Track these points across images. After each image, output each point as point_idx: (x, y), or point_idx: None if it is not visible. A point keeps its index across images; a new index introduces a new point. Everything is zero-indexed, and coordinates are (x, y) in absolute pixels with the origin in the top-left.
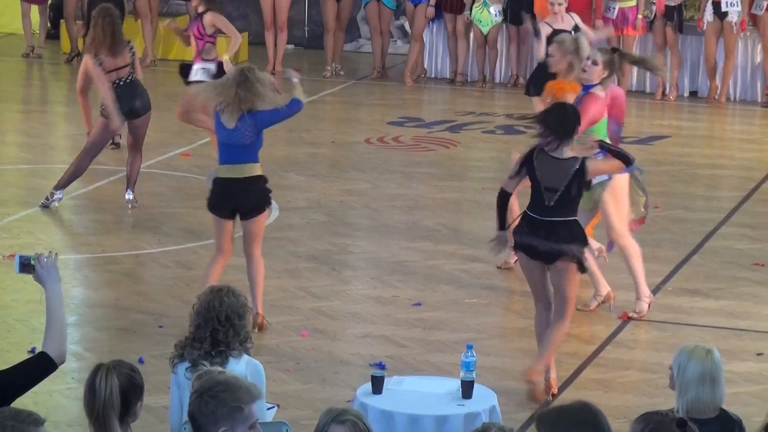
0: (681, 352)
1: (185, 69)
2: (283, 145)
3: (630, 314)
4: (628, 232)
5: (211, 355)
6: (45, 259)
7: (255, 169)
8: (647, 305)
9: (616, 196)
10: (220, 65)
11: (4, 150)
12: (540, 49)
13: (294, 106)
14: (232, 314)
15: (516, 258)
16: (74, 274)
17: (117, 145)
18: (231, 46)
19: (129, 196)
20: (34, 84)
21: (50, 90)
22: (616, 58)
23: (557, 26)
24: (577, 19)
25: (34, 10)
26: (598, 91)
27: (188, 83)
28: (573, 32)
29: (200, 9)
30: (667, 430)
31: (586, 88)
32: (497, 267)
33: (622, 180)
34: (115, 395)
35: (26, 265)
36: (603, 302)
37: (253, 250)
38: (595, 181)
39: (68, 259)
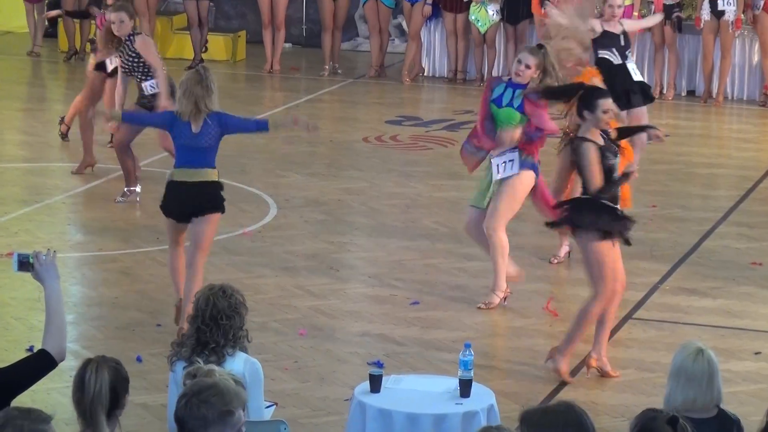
0: (677, 350)
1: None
2: (281, 143)
3: (480, 305)
4: (503, 229)
5: (205, 353)
6: (44, 257)
7: (212, 175)
8: (498, 300)
9: (515, 192)
10: None
11: (2, 148)
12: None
13: (263, 125)
14: (219, 314)
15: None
16: (72, 272)
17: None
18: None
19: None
20: (32, 82)
21: (48, 88)
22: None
23: (608, 28)
24: (626, 25)
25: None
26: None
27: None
28: (622, 37)
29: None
30: (659, 427)
31: (522, 87)
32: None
33: (527, 179)
34: (104, 390)
35: (24, 263)
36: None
37: (195, 260)
38: (502, 175)
39: (66, 258)
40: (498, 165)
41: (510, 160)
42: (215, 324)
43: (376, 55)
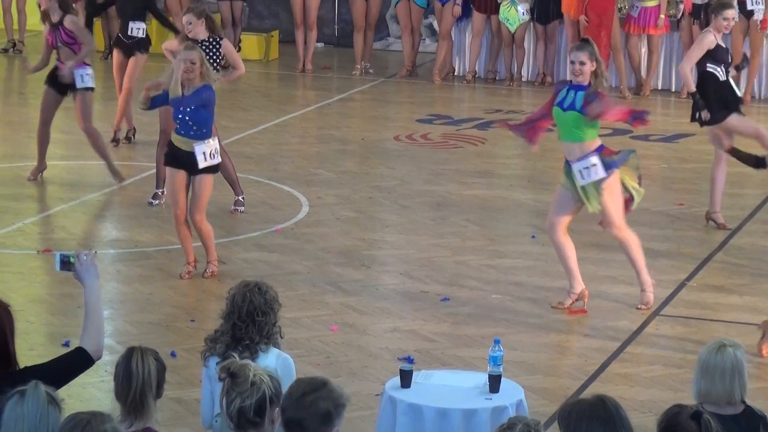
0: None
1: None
2: (314, 141)
3: (638, 306)
4: (626, 225)
5: (238, 349)
6: (85, 257)
7: None
8: (652, 295)
9: (612, 192)
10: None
11: None
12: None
13: None
14: (255, 311)
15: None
16: (107, 268)
17: (117, 142)
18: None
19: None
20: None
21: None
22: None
23: (721, 42)
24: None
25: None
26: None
27: (76, 90)
28: (729, 49)
29: (55, 18)
30: (683, 422)
31: (583, 88)
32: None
33: (615, 181)
34: (152, 375)
35: (66, 263)
36: (577, 300)
37: (195, 216)
38: (586, 181)
39: (102, 254)
40: (580, 171)
41: (593, 165)
42: (251, 320)
43: (407, 55)
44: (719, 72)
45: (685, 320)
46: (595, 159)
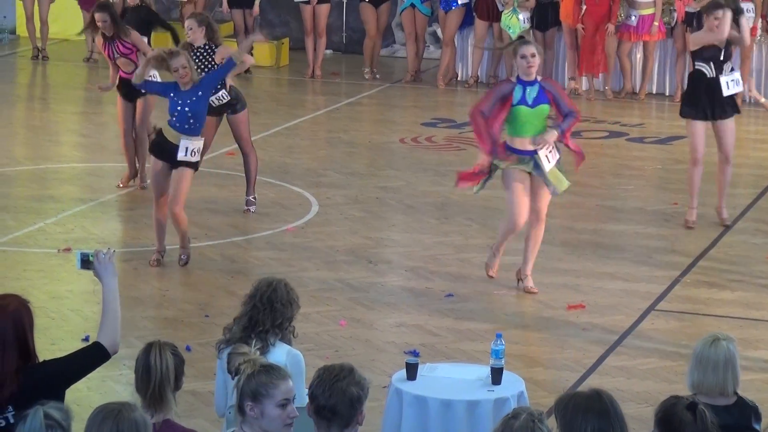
0: (699, 339)
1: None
2: (323, 144)
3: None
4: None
5: (251, 337)
6: (103, 256)
7: None
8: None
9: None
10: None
11: (59, 150)
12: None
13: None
14: (276, 299)
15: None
16: (125, 266)
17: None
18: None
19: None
20: (87, 87)
21: (104, 92)
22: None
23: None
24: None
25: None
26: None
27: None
28: (723, 51)
29: (109, 33)
30: (679, 412)
31: (533, 83)
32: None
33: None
34: (171, 369)
35: (86, 261)
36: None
37: (173, 208)
38: (552, 164)
39: (119, 252)
40: (546, 156)
41: (551, 150)
42: (270, 306)
43: (412, 61)
44: (707, 69)
45: (679, 315)
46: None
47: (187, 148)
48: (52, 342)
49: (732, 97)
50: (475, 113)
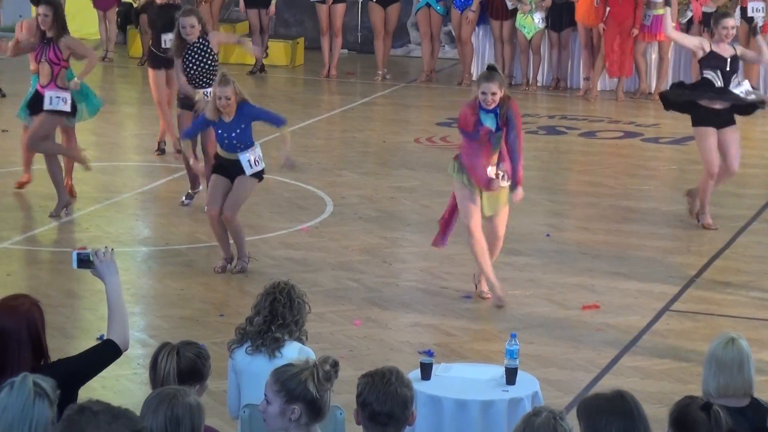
0: (713, 339)
1: (37, 98)
2: (338, 144)
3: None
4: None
5: (271, 330)
6: (103, 254)
7: None
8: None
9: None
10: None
11: None
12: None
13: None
14: (295, 295)
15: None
16: (140, 265)
17: (162, 152)
18: (87, 67)
19: None
20: (103, 87)
21: (118, 92)
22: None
23: (717, 50)
24: (739, 50)
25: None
26: None
27: (41, 112)
28: (729, 61)
29: (50, 34)
30: (693, 413)
31: (495, 111)
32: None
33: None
34: (172, 376)
35: (84, 261)
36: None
37: (227, 212)
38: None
39: (134, 252)
40: (503, 174)
41: (503, 171)
42: (289, 300)
43: (427, 61)
44: (714, 77)
45: (693, 315)
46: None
47: (249, 161)
48: (66, 341)
49: (739, 107)
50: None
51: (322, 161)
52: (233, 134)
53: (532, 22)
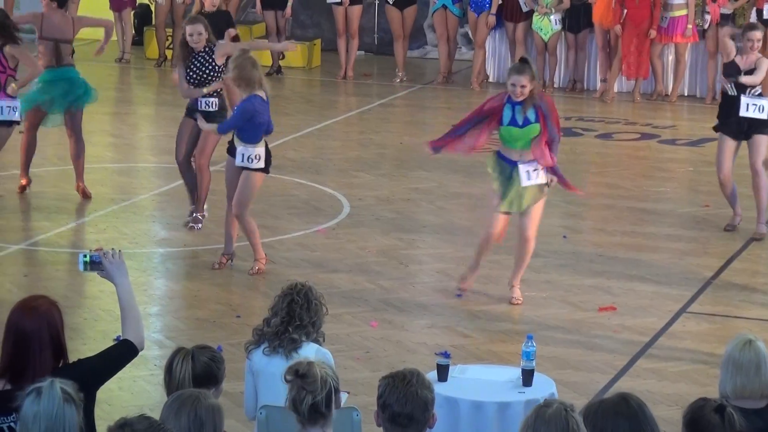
0: (730, 341)
1: None
2: (354, 145)
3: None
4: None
5: (288, 331)
6: (112, 257)
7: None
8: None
9: (543, 201)
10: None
11: (91, 150)
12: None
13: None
14: (312, 297)
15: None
16: (157, 267)
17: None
18: (27, 76)
19: None
20: (119, 88)
21: (135, 93)
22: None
23: (738, 60)
24: (764, 64)
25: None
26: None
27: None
28: (744, 72)
29: None
30: (707, 415)
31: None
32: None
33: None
34: (187, 380)
35: (92, 263)
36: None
37: (235, 210)
38: (531, 182)
39: (151, 253)
40: (528, 172)
41: (536, 169)
42: (307, 301)
43: (443, 63)
44: (728, 87)
45: (710, 317)
46: (537, 164)
47: (243, 155)
48: (83, 342)
49: (750, 120)
50: (450, 131)
51: (338, 163)
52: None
53: (549, 24)
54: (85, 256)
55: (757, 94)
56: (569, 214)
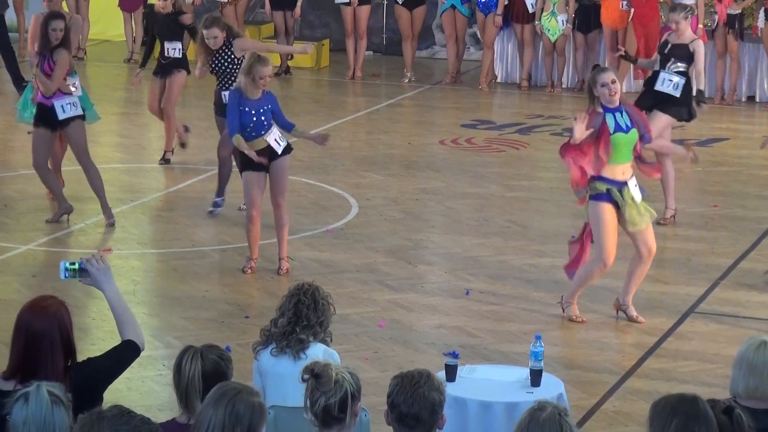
0: (743, 341)
1: (48, 110)
2: (363, 146)
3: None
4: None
5: (295, 331)
6: (95, 262)
7: None
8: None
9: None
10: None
11: (99, 150)
12: None
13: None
14: (319, 296)
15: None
16: (165, 267)
17: (183, 145)
18: (45, 84)
19: None
20: (128, 88)
21: (144, 93)
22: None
23: (668, 37)
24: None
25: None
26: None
27: (60, 122)
28: (668, 48)
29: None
30: (715, 416)
31: (620, 109)
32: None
33: None
34: (197, 379)
35: (76, 270)
36: None
37: (278, 200)
38: (641, 196)
39: (160, 253)
40: (637, 186)
41: (636, 183)
42: (314, 302)
43: (452, 63)
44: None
45: (718, 317)
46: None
47: (276, 140)
48: (92, 342)
49: (663, 94)
50: (568, 149)
51: (347, 163)
52: (262, 110)
53: (557, 25)
54: (72, 263)
55: (677, 71)
56: (577, 214)
